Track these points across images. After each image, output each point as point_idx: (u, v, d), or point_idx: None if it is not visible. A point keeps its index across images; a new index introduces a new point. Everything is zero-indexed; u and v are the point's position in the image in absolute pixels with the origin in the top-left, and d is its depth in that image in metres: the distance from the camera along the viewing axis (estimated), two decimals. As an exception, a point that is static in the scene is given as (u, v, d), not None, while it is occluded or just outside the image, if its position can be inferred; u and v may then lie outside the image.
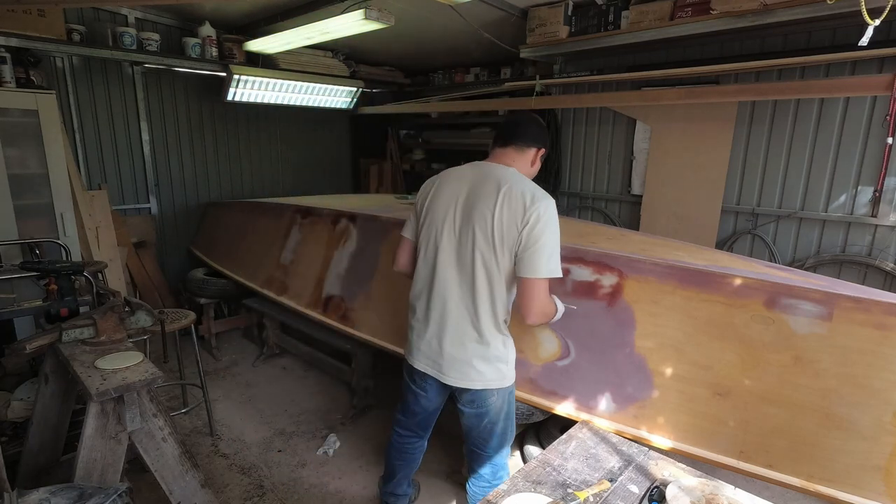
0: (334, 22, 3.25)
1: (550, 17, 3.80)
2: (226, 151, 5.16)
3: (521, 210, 1.62)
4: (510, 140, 1.80)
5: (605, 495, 1.34)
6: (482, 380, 1.78)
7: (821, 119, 3.32)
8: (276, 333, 3.90)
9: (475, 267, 1.71)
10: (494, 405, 1.83)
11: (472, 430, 1.90)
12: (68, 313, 2.19)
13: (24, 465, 2.05)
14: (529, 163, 1.82)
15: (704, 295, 1.97)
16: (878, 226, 3.20)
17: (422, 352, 1.87)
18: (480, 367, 1.76)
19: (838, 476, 1.67)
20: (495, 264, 1.69)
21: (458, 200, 1.75)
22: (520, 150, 1.79)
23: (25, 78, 3.52)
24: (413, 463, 2.22)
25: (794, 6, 2.76)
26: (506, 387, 1.84)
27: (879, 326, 1.67)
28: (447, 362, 1.79)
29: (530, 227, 1.61)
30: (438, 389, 1.93)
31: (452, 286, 1.76)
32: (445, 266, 1.77)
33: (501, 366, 1.79)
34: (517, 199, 1.64)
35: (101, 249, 3.88)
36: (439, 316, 1.79)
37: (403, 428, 2.13)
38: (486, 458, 1.95)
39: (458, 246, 1.74)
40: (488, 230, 1.66)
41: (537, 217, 1.61)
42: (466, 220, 1.72)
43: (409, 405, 2.05)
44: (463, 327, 1.76)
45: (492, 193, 1.67)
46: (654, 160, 4.06)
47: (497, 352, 1.77)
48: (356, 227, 3.21)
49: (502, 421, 1.89)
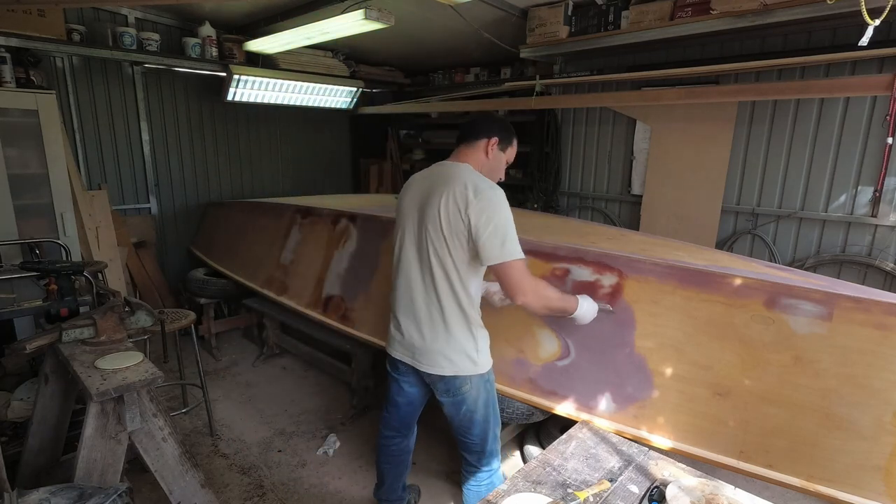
0: (334, 22, 3.25)
1: (550, 17, 3.80)
2: (226, 151, 5.16)
3: (463, 202, 1.70)
4: (461, 139, 1.92)
5: (605, 495, 1.34)
6: (452, 367, 1.84)
7: (821, 119, 3.32)
8: (276, 333, 3.90)
9: (431, 262, 1.80)
10: (469, 394, 1.88)
11: (453, 419, 1.95)
12: (68, 313, 2.19)
13: (24, 465, 2.04)
14: (483, 154, 1.89)
15: (704, 295, 1.97)
16: (878, 226, 3.20)
17: (398, 342, 1.96)
18: (450, 356, 1.83)
19: (838, 476, 1.67)
20: (449, 257, 1.77)
21: (417, 200, 1.87)
22: (470, 145, 1.89)
23: (25, 78, 3.52)
24: (400, 465, 2.22)
25: (794, 6, 2.76)
26: (478, 374, 1.88)
27: (879, 326, 1.67)
28: (419, 351, 1.88)
29: (476, 217, 1.68)
30: (417, 377, 1.99)
31: (416, 281, 1.86)
32: (409, 263, 1.88)
33: (471, 353, 1.85)
34: (461, 193, 1.72)
35: (101, 249, 3.88)
36: (408, 309, 1.90)
37: (388, 428, 2.16)
38: (471, 444, 1.98)
39: (417, 243, 1.85)
40: (438, 225, 1.76)
41: (481, 207, 1.68)
42: (422, 218, 1.82)
43: (392, 397, 2.10)
44: (429, 319, 1.84)
45: (441, 190, 1.77)
46: (654, 160, 4.06)
47: (464, 341, 1.83)
48: (356, 227, 3.21)
49: (481, 409, 1.92)
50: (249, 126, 5.29)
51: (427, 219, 1.79)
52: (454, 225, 1.73)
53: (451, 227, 1.74)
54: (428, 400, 2.11)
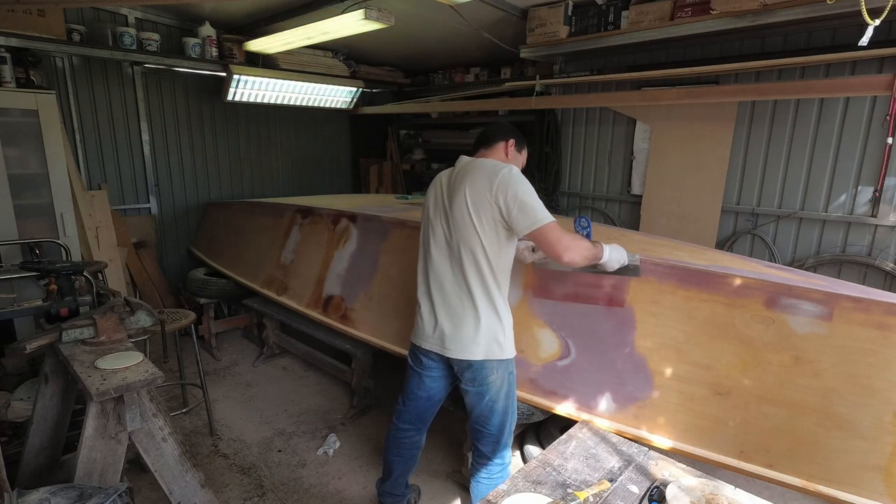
0: (334, 22, 3.25)
1: (550, 17, 3.80)
2: (226, 151, 5.16)
3: (487, 182, 1.80)
4: (479, 145, 2.04)
5: (605, 495, 1.34)
6: (481, 351, 1.89)
7: (821, 119, 3.32)
8: (276, 333, 3.90)
9: (461, 250, 1.87)
10: (494, 383, 1.93)
11: (475, 408, 2.00)
12: (68, 313, 2.19)
13: (24, 465, 2.04)
14: (503, 155, 2.01)
15: (704, 295, 1.97)
16: (878, 226, 3.20)
17: (426, 332, 1.99)
18: (479, 341, 1.88)
19: (838, 476, 1.67)
20: (479, 244, 1.84)
21: (443, 194, 1.97)
22: (489, 148, 2.01)
23: (25, 78, 3.52)
24: (410, 460, 2.23)
25: (794, 6, 2.76)
26: (504, 359, 1.92)
27: (879, 326, 1.67)
28: (448, 338, 1.93)
29: (504, 195, 1.77)
30: (443, 371, 2.04)
31: (444, 268, 1.93)
32: (437, 251, 1.95)
33: (500, 338, 1.90)
34: (482, 175, 1.83)
35: (101, 249, 3.88)
36: (437, 297, 1.95)
37: (402, 420, 2.17)
38: (488, 434, 2.01)
39: (445, 231, 1.93)
40: (465, 212, 1.84)
41: (505, 182, 1.78)
42: (448, 209, 1.91)
43: (411, 390, 2.12)
44: (458, 305, 1.90)
45: (464, 181, 1.87)
46: (654, 160, 4.06)
47: (493, 326, 1.89)
48: (356, 227, 3.21)
49: (503, 399, 1.96)
50: (249, 126, 5.29)
51: (454, 209, 1.87)
52: (482, 209, 1.81)
53: (478, 212, 1.81)
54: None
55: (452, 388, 2.11)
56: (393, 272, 2.86)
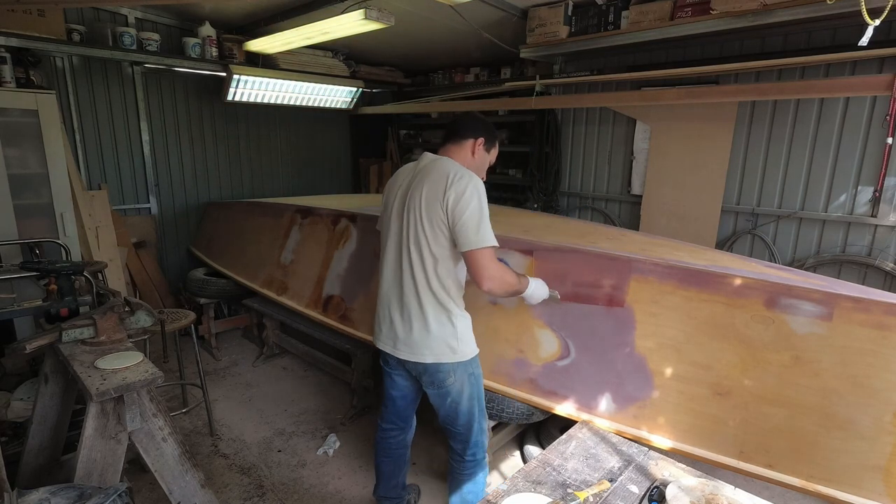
0: (334, 22, 3.25)
1: (550, 17, 3.80)
2: (226, 151, 5.16)
3: (441, 190, 1.76)
4: (449, 137, 1.98)
5: (605, 495, 1.34)
6: (432, 355, 1.87)
7: (821, 119, 3.32)
8: (276, 333, 3.90)
9: (411, 251, 1.84)
10: (454, 386, 1.91)
11: (440, 409, 2.00)
12: (68, 313, 2.19)
13: (24, 465, 2.04)
14: (469, 154, 1.96)
15: (704, 295, 1.97)
16: (878, 226, 3.20)
17: (383, 332, 1.99)
18: (429, 344, 1.86)
19: (838, 476, 1.67)
20: (427, 243, 1.81)
21: (400, 190, 1.92)
22: (457, 144, 1.95)
23: (25, 78, 3.52)
24: (399, 461, 2.22)
25: (794, 6, 2.76)
26: (459, 362, 1.89)
27: (879, 326, 1.67)
28: (400, 339, 1.92)
29: (453, 204, 1.74)
30: (407, 372, 2.02)
31: (397, 271, 1.91)
32: (392, 251, 1.93)
33: (451, 341, 1.87)
34: (440, 181, 1.78)
35: (101, 249, 3.88)
36: (390, 297, 1.94)
37: (385, 421, 2.18)
38: (457, 434, 2.02)
39: (399, 231, 1.89)
40: (418, 214, 1.81)
41: (457, 195, 1.73)
42: (403, 207, 1.88)
43: (386, 391, 2.14)
44: (409, 308, 1.88)
45: (423, 180, 1.83)
46: (654, 160, 4.06)
47: (442, 330, 1.86)
48: (356, 227, 3.21)
49: (465, 401, 1.95)
50: (249, 126, 5.29)
51: (409, 209, 1.84)
52: (433, 213, 1.78)
53: (430, 215, 1.78)
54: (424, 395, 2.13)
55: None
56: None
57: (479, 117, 2.05)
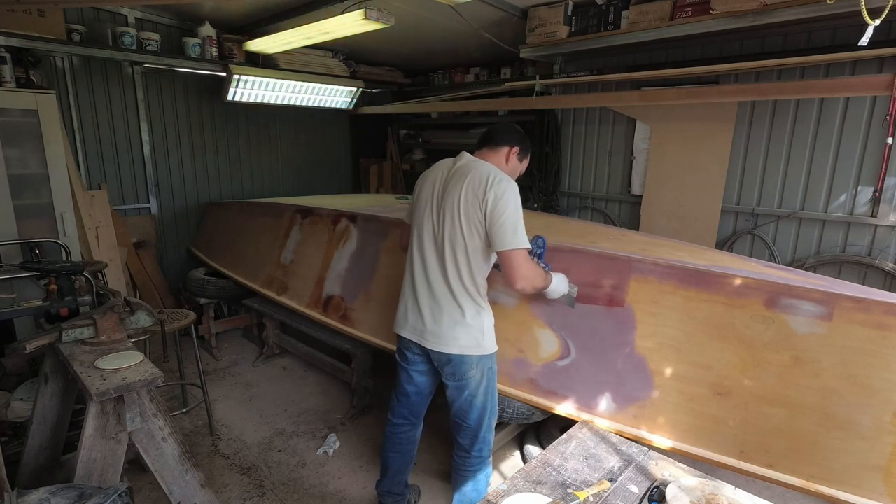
0: (334, 22, 3.25)
1: (550, 17, 3.80)
2: (226, 151, 5.16)
3: (481, 192, 1.82)
4: (485, 142, 2.05)
5: (605, 495, 1.34)
6: (458, 346, 1.92)
7: (821, 119, 3.32)
8: (276, 333, 3.90)
9: (445, 244, 1.91)
10: (474, 378, 1.96)
11: (454, 402, 2.04)
12: (68, 313, 2.19)
13: (24, 465, 2.04)
14: (504, 160, 2.02)
15: (704, 295, 1.97)
16: (878, 226, 3.20)
17: (408, 321, 2.03)
18: (456, 334, 1.92)
19: (838, 476, 1.67)
20: (462, 241, 1.87)
21: (436, 186, 1.98)
22: (493, 150, 2.02)
23: (25, 78, 3.51)
24: (407, 456, 2.25)
25: (794, 6, 2.76)
26: (483, 355, 1.95)
27: (879, 326, 1.67)
28: (428, 330, 1.97)
29: (492, 205, 1.80)
30: (426, 365, 2.08)
31: (430, 261, 1.96)
32: (424, 244, 1.98)
33: (476, 334, 1.93)
34: (479, 182, 1.84)
35: (101, 249, 3.88)
36: (420, 288, 1.99)
37: (396, 415, 2.21)
38: (467, 428, 2.05)
39: (434, 226, 1.95)
40: (456, 212, 1.87)
41: (496, 197, 1.80)
42: (441, 203, 1.93)
43: (401, 385, 2.17)
44: (439, 298, 1.94)
45: (461, 179, 1.89)
46: (654, 160, 4.06)
47: (471, 320, 1.92)
48: (356, 227, 3.21)
49: (481, 395, 2.00)
50: (249, 126, 5.29)
51: (446, 205, 1.90)
52: (472, 212, 1.84)
53: (468, 213, 1.84)
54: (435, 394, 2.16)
55: (440, 385, 2.13)
56: (393, 272, 2.85)
57: (515, 127, 2.12)
